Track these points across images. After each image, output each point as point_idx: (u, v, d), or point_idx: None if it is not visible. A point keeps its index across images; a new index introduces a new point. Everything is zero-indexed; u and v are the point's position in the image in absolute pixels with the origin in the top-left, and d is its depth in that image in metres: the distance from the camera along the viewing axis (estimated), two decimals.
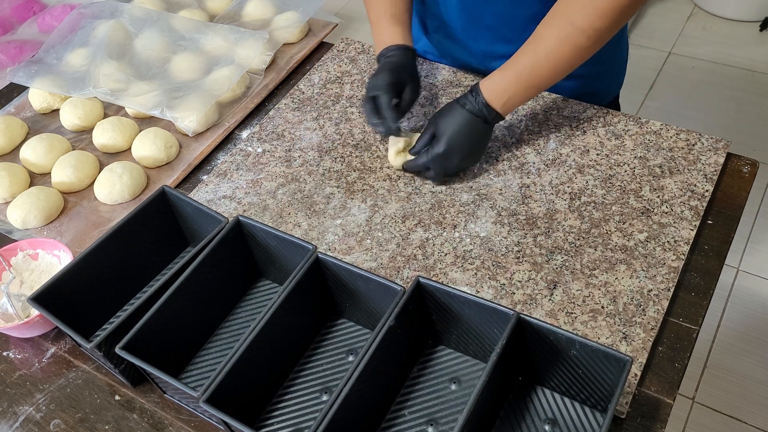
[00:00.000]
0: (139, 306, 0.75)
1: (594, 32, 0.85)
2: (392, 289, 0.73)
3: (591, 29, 0.85)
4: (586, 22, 0.84)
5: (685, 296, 0.82)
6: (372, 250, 0.89)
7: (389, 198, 0.95)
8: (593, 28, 0.85)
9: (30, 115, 1.19)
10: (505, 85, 0.90)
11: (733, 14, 2.63)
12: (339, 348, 0.80)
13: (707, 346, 1.73)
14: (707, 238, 0.87)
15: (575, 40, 0.86)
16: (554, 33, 0.87)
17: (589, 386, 0.70)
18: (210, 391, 0.66)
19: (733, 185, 0.93)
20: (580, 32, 0.85)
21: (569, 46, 0.87)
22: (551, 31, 0.87)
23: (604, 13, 0.83)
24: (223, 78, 1.13)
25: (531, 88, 0.91)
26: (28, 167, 1.07)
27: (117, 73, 1.14)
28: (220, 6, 1.33)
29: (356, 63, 1.18)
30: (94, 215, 1.00)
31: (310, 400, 0.76)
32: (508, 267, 0.85)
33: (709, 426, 1.60)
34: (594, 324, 0.79)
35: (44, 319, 0.83)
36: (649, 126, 1.00)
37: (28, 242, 0.91)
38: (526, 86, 0.90)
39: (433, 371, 0.77)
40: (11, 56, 1.30)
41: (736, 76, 2.45)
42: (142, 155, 1.04)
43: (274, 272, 0.86)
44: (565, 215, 0.90)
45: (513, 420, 0.72)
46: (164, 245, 0.91)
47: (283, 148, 1.05)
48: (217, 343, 0.83)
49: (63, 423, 0.78)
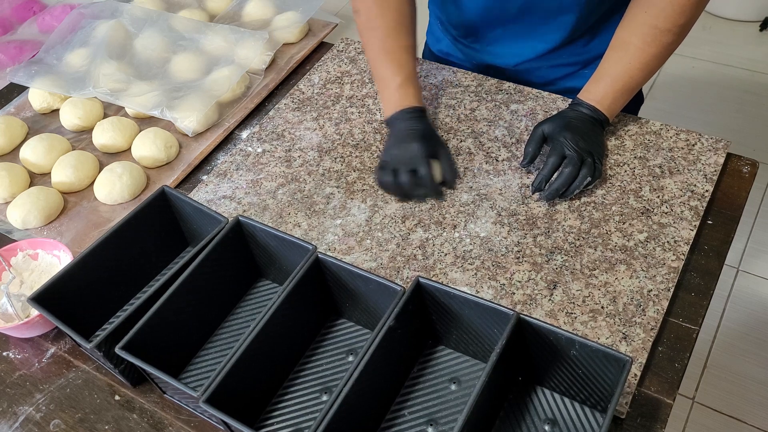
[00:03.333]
0: (139, 306, 0.75)
1: (678, 28, 0.88)
2: (392, 289, 0.73)
3: (675, 26, 0.88)
4: (669, 22, 0.87)
5: (685, 296, 0.82)
6: (372, 250, 0.89)
7: (389, 198, 0.95)
8: (677, 25, 0.87)
9: (30, 115, 1.19)
10: (602, 92, 0.92)
11: (733, 14, 2.63)
12: (339, 348, 0.80)
13: (707, 346, 1.73)
14: (707, 238, 0.87)
15: (661, 39, 0.89)
16: (640, 38, 0.90)
17: (589, 386, 0.70)
18: (210, 391, 0.66)
19: (733, 185, 0.93)
20: (665, 32, 0.88)
21: (657, 47, 0.90)
22: (637, 38, 0.90)
23: (684, 10, 0.86)
24: (223, 78, 1.13)
25: (627, 92, 0.93)
26: (28, 167, 1.07)
27: (117, 73, 1.14)
28: (220, 6, 1.33)
29: (356, 63, 1.18)
30: (94, 215, 1.00)
31: (310, 400, 0.76)
32: (508, 267, 0.85)
33: (709, 426, 1.60)
34: (594, 324, 0.79)
35: (44, 319, 0.83)
36: (649, 126, 1.00)
37: (28, 242, 0.91)
38: (623, 91, 0.93)
39: (432, 371, 0.77)
40: (11, 56, 1.30)
41: (736, 76, 2.45)
42: (142, 155, 1.04)
43: (274, 272, 0.86)
44: (565, 215, 0.90)
45: (513, 420, 0.72)
46: (164, 245, 0.90)
47: (283, 148, 1.05)
48: (217, 343, 0.83)
49: (63, 423, 0.78)
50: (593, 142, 0.91)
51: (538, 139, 0.93)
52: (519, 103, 1.06)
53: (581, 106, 0.93)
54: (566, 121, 0.92)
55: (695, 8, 0.87)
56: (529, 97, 1.06)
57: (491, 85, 1.09)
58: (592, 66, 1.04)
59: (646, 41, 0.89)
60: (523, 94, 1.07)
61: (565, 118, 0.92)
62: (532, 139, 0.93)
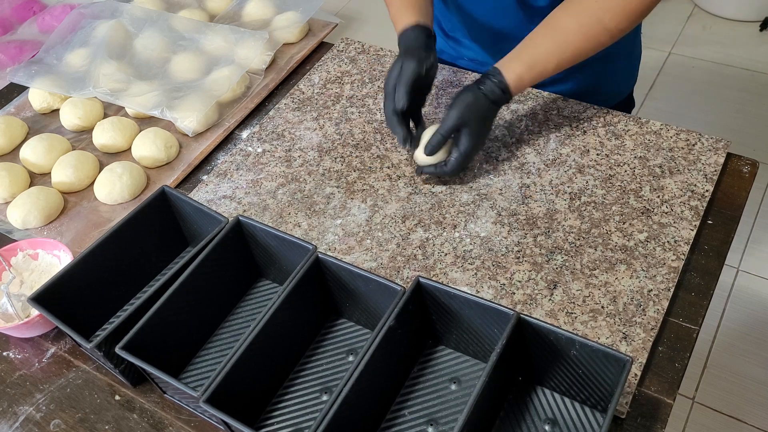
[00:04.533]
0: (139, 306, 0.75)
1: (618, 32, 0.87)
2: (392, 289, 0.73)
3: (617, 29, 0.86)
4: (614, 22, 0.85)
5: (685, 296, 0.82)
6: (372, 250, 0.89)
7: (389, 198, 0.95)
8: (619, 28, 0.86)
9: (30, 115, 1.19)
10: (521, 71, 0.89)
11: (733, 14, 2.63)
12: (339, 348, 0.80)
13: (707, 346, 1.73)
14: (707, 238, 0.87)
15: (599, 38, 0.87)
16: (579, 28, 0.87)
17: (589, 386, 0.70)
18: (210, 391, 0.66)
19: (733, 185, 0.93)
20: (606, 32, 0.86)
21: (593, 44, 0.88)
22: (576, 26, 0.87)
23: (631, 15, 0.85)
24: (223, 78, 1.13)
25: (543, 75, 0.91)
26: (28, 167, 1.07)
27: (117, 73, 1.14)
28: (220, 6, 1.33)
29: (356, 63, 1.18)
30: (94, 215, 1.00)
31: (310, 400, 0.76)
32: (508, 267, 0.85)
33: (709, 426, 1.60)
34: (594, 324, 0.79)
35: (44, 319, 0.83)
36: (649, 126, 1.00)
37: (28, 242, 0.91)
38: (541, 73, 0.90)
39: (433, 371, 0.77)
40: (11, 56, 1.30)
41: (736, 76, 2.45)
42: (142, 155, 1.04)
43: (274, 272, 0.86)
44: (565, 215, 0.90)
45: (513, 420, 0.72)
46: (164, 245, 0.90)
47: (283, 148, 1.05)
48: (217, 343, 0.83)
49: (63, 423, 0.78)
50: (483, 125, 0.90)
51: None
52: (519, 103, 1.06)
53: (498, 84, 0.89)
54: (478, 98, 0.89)
55: (641, 16, 0.86)
56: (529, 97, 1.06)
57: None
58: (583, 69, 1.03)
59: (585, 34, 0.87)
60: (523, 94, 1.07)
61: (478, 96, 0.89)
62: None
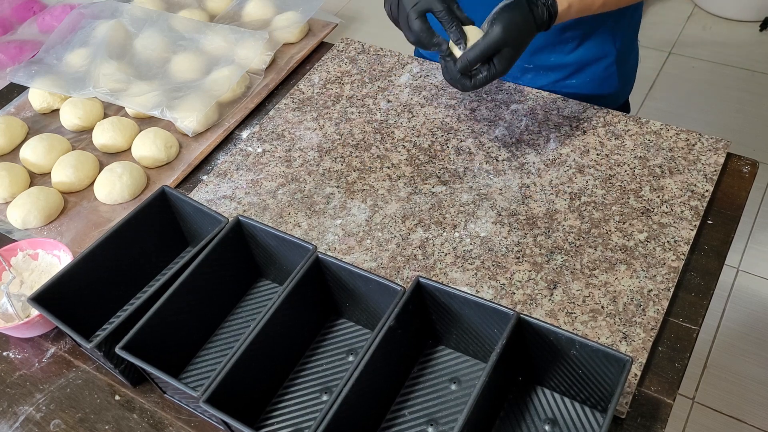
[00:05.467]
0: (139, 306, 0.75)
1: None
2: (392, 289, 0.73)
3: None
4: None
5: (685, 296, 0.82)
6: (372, 250, 0.89)
7: (389, 198, 0.95)
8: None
9: (30, 115, 1.19)
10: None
11: (733, 14, 2.63)
12: (339, 348, 0.80)
13: (707, 346, 1.73)
14: (707, 238, 0.87)
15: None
16: None
17: (589, 386, 0.70)
18: (210, 391, 0.66)
19: (733, 185, 0.93)
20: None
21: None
22: None
23: None
24: (223, 78, 1.13)
25: (589, 9, 0.88)
26: (28, 167, 1.07)
27: (117, 73, 1.14)
28: (220, 6, 1.33)
29: (356, 63, 1.18)
30: (94, 215, 1.00)
31: (310, 400, 0.76)
32: (508, 267, 0.85)
33: (709, 426, 1.60)
34: (594, 324, 0.79)
35: (44, 319, 0.83)
36: (649, 126, 1.00)
37: (28, 242, 0.91)
38: (589, 6, 0.88)
39: (433, 371, 0.77)
40: (11, 56, 1.30)
41: (736, 76, 2.45)
42: (142, 155, 1.04)
43: (274, 272, 0.86)
44: (565, 215, 0.90)
45: (513, 420, 0.72)
46: (164, 245, 0.90)
47: (283, 148, 1.05)
48: (217, 343, 0.83)
49: (63, 423, 0.78)
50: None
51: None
52: (519, 103, 1.06)
53: (547, 6, 0.85)
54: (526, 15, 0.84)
55: None
56: (529, 97, 1.06)
57: (491, 85, 1.09)
58: (579, 74, 1.03)
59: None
60: (523, 94, 1.07)
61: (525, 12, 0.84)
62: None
